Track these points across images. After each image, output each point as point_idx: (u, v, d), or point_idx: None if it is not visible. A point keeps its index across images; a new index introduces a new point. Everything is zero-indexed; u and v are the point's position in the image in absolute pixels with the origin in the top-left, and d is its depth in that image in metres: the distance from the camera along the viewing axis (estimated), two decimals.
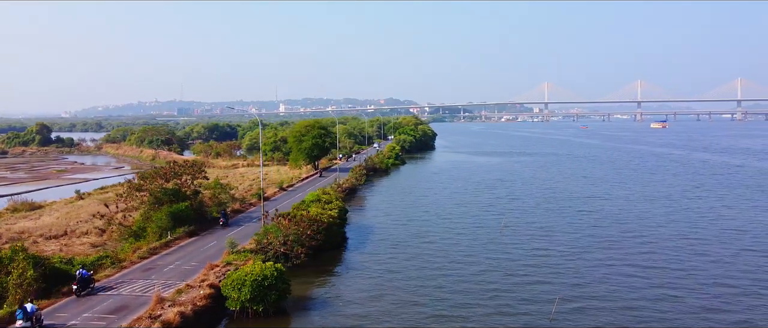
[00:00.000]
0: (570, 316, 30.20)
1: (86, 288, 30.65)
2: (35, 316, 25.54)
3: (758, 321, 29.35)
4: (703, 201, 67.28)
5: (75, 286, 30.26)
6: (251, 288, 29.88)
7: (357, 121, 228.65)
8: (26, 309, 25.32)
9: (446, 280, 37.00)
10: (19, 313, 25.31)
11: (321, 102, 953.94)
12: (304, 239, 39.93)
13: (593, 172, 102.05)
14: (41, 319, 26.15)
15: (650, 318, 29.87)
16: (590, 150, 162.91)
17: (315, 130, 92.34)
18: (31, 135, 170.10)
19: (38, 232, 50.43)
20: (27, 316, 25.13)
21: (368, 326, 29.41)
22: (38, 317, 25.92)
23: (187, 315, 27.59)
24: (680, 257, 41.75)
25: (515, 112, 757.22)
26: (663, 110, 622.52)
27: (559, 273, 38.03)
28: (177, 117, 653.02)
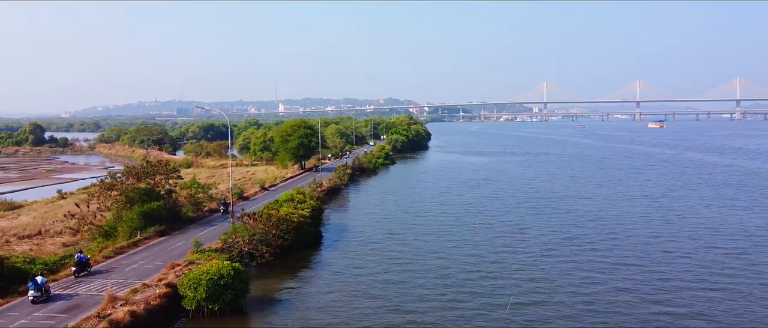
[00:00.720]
0: (524, 314, 30.25)
1: (83, 271, 34.15)
2: (44, 288, 29.42)
3: (710, 316, 29.38)
4: (683, 200, 67.29)
5: (74, 268, 33.96)
6: (207, 287, 29.94)
7: (352, 121, 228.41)
8: (37, 281, 29.20)
9: (409, 276, 37.18)
10: (31, 284, 29.12)
11: (320, 102, 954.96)
12: (270, 239, 39.99)
13: (580, 171, 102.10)
14: (49, 290, 30.08)
15: (603, 314, 29.94)
16: (582, 150, 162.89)
17: (301, 130, 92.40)
18: (24, 135, 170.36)
19: (12, 232, 50.51)
20: (37, 287, 29.01)
21: (320, 323, 29.47)
22: (47, 288, 29.84)
23: (138, 314, 27.63)
24: (647, 256, 41.80)
25: (515, 112, 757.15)
26: (662, 110, 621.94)
27: (522, 271, 38.09)
28: (176, 117, 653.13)
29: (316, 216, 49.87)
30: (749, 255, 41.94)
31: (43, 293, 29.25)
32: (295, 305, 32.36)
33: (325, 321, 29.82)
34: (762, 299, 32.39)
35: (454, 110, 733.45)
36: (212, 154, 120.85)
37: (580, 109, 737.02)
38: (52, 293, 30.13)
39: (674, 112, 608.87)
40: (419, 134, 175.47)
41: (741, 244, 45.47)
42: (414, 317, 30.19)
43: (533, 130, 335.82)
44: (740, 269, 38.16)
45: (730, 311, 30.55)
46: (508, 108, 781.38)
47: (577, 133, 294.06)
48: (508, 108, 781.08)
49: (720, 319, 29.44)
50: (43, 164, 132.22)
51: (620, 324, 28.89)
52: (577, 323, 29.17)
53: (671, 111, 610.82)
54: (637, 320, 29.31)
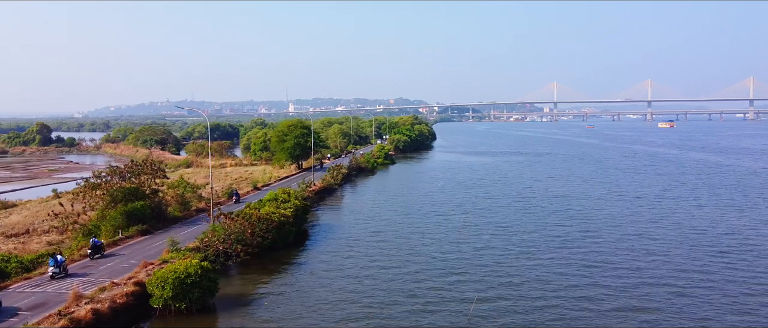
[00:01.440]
0: (489, 314, 30.24)
1: (97, 253, 38.43)
2: (62, 265, 33.71)
3: (675, 315, 29.21)
4: (675, 201, 66.75)
5: (89, 250, 38.27)
6: (173, 286, 30.23)
7: (357, 120, 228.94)
8: (56, 259, 33.64)
9: (381, 276, 37.33)
10: (51, 261, 33.66)
11: (331, 102, 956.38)
12: (247, 238, 40.24)
13: (579, 171, 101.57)
14: (66, 268, 34.41)
15: (564, 314, 29.87)
16: (586, 150, 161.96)
17: (297, 130, 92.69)
18: (31, 135, 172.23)
19: (3, 231, 51.30)
20: (56, 264, 33.37)
21: (284, 324, 29.63)
22: (64, 266, 34.15)
23: (101, 312, 27.94)
24: (625, 256, 41.56)
25: (525, 112, 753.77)
26: (675, 110, 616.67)
27: (496, 271, 38.02)
28: (186, 117, 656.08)
29: (299, 216, 50.02)
30: (728, 255, 41.55)
31: (62, 270, 33.59)
32: (266, 303, 32.54)
33: (288, 321, 29.98)
34: (726, 299, 32.11)
35: (463, 110, 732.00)
36: (213, 154, 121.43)
37: (591, 109, 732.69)
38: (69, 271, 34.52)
39: (686, 112, 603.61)
40: (422, 134, 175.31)
41: (723, 243, 45.07)
42: (376, 314, 30.28)
43: (541, 130, 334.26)
44: (716, 269, 37.86)
45: (694, 311, 30.34)
46: (519, 108, 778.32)
47: (584, 133, 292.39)
48: (518, 108, 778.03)
49: (685, 318, 29.26)
50: (47, 164, 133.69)
51: (577, 324, 28.82)
52: (535, 322, 29.09)
53: (683, 111, 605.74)
54: (596, 319, 29.19)
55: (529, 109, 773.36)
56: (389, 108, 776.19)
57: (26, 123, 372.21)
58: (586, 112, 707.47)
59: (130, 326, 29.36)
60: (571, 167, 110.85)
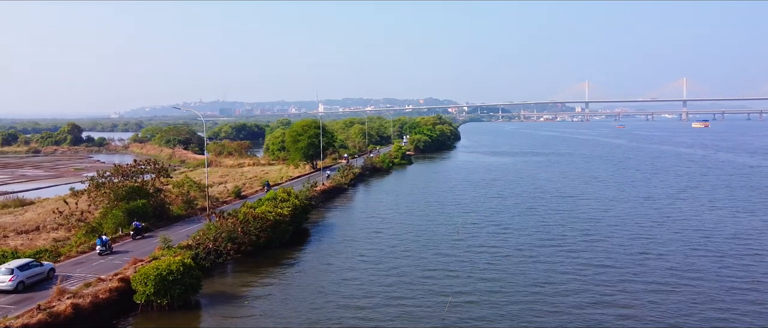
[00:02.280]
0: (463, 314, 30.18)
1: (139, 235, 44.39)
2: (107, 244, 39.76)
3: (653, 320, 28.73)
4: (686, 202, 65.33)
5: (132, 232, 44.18)
6: (155, 282, 31.01)
7: (381, 120, 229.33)
8: (102, 239, 39.77)
9: (369, 275, 37.56)
10: (98, 241, 39.76)
11: (360, 102, 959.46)
12: (238, 236, 40.90)
13: (595, 172, 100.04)
14: (111, 246, 40.49)
15: (540, 315, 29.63)
16: (610, 150, 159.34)
17: (311, 130, 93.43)
18: (62, 135, 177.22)
19: (13, 227, 52.95)
20: (103, 243, 39.46)
21: (263, 321, 30.07)
22: (109, 245, 40.16)
23: (82, 307, 28.78)
24: (621, 258, 40.93)
25: (556, 112, 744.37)
26: (712, 109, 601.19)
27: (484, 270, 37.83)
28: (218, 117, 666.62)
29: (298, 215, 50.41)
30: (726, 258, 40.54)
31: (107, 248, 39.63)
32: (247, 301, 33.05)
33: (267, 318, 30.43)
34: (718, 304, 31.39)
35: (493, 110, 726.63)
36: (233, 154, 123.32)
37: (625, 109, 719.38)
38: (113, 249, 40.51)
39: (723, 111, 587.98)
40: (444, 134, 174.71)
41: (725, 246, 43.99)
42: (357, 313, 30.51)
43: (569, 131, 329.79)
44: (711, 272, 37.02)
45: (675, 313, 29.76)
46: (550, 108, 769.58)
47: (613, 133, 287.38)
48: (549, 108, 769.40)
49: (663, 321, 28.75)
50: (75, 163, 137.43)
51: (550, 324, 28.57)
52: (509, 323, 28.94)
53: (720, 110, 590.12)
54: (570, 321, 28.88)
55: (561, 109, 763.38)
56: (418, 108, 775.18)
57: (63, 123, 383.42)
58: (620, 111, 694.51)
59: (112, 321, 30.19)
60: (589, 167, 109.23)
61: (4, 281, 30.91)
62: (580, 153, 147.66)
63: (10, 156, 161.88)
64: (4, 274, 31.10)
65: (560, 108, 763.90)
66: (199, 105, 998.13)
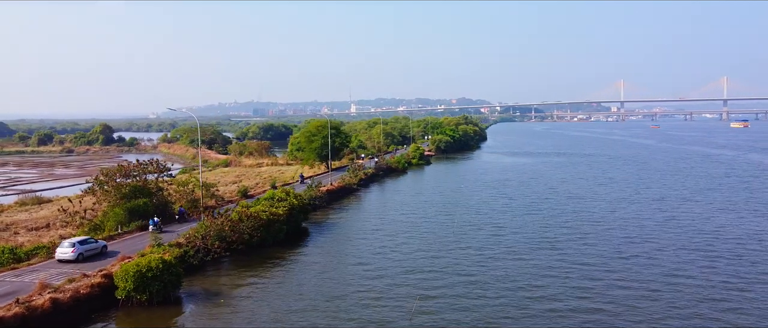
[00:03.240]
0: (436, 310, 30.33)
1: (183, 219, 50.36)
2: (158, 224, 46.02)
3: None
4: (698, 205, 63.82)
5: (177, 216, 51.34)
6: (134, 278, 31.98)
7: (407, 120, 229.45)
8: (154, 220, 46.39)
9: (350, 274, 37.92)
10: (151, 221, 46.35)
11: (393, 102, 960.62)
12: (226, 235, 41.76)
13: (613, 173, 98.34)
14: (161, 227, 46.40)
15: (507, 318, 29.52)
16: (636, 150, 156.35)
17: (325, 131, 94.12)
18: (95, 135, 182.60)
19: (25, 224, 55.08)
20: (155, 224, 45.93)
21: (236, 318, 30.75)
22: (160, 226, 46.37)
23: (61, 302, 29.82)
24: (606, 259, 40.26)
25: (591, 112, 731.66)
26: (755, 108, 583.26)
27: (465, 271, 37.79)
28: (251, 117, 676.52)
29: (295, 214, 50.86)
30: (716, 259, 39.54)
31: (158, 228, 45.59)
32: (223, 299, 33.72)
33: (240, 314, 31.07)
34: (694, 309, 30.76)
35: (526, 110, 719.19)
36: (254, 154, 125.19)
37: (663, 109, 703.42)
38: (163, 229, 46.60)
39: (767, 110, 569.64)
40: (467, 134, 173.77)
41: (719, 249, 42.86)
42: (326, 313, 30.93)
43: (601, 131, 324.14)
44: (698, 276, 36.19)
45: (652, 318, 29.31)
46: (585, 107, 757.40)
47: (645, 133, 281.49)
48: (584, 107, 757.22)
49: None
50: (104, 162, 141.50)
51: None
52: (475, 323, 28.95)
53: (763, 109, 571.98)
54: (547, 320, 28.72)
55: (596, 109, 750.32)
56: (450, 108, 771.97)
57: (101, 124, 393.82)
58: (657, 111, 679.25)
59: (91, 315, 31.20)
60: (609, 168, 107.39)
61: (67, 253, 37.45)
62: (603, 154, 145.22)
63: (44, 155, 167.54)
64: (67, 247, 37.81)
65: (595, 108, 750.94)
66: (234, 105, 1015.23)
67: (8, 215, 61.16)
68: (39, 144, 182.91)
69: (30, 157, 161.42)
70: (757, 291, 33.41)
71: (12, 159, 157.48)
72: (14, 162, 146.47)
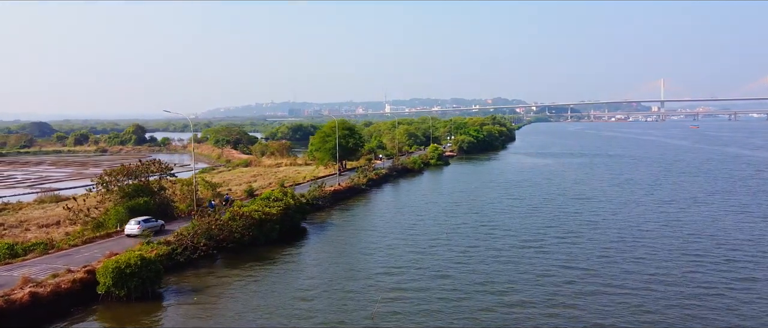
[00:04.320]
0: (397, 311, 30.68)
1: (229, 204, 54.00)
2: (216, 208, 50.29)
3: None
4: (708, 207, 62.31)
5: (224, 202, 56.40)
6: (112, 274, 33.25)
7: (435, 120, 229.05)
8: (211, 203, 53.57)
9: (330, 273, 38.49)
10: (209, 204, 52.85)
11: (428, 102, 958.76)
12: (214, 233, 42.88)
13: (632, 174, 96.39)
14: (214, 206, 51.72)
15: (465, 317, 29.65)
16: (664, 151, 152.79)
17: (339, 131, 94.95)
18: (128, 135, 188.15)
19: (37, 221, 57.50)
20: (211, 206, 51.61)
21: (205, 312, 31.67)
22: (216, 207, 50.73)
23: (41, 295, 31.24)
24: (593, 262, 39.80)
25: (630, 112, 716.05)
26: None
27: (438, 273, 37.94)
28: (286, 117, 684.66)
29: (291, 214, 51.57)
30: (703, 264, 38.66)
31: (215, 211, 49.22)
32: (196, 296, 34.65)
33: (213, 309, 32.00)
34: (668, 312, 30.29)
35: (562, 110, 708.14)
36: (275, 154, 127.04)
37: (707, 108, 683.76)
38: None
39: None
40: (491, 135, 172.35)
41: (712, 252, 41.90)
42: (293, 312, 31.59)
43: (635, 131, 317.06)
44: (687, 281, 35.51)
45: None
46: (624, 107, 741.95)
47: (681, 134, 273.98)
48: (623, 107, 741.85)
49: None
50: (133, 161, 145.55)
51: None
52: (434, 323, 29.17)
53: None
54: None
55: (636, 109, 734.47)
56: (485, 108, 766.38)
57: (143, 124, 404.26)
58: (701, 111, 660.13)
59: (70, 309, 32.52)
60: (629, 169, 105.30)
61: (134, 229, 45.65)
62: (629, 154, 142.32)
63: (79, 155, 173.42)
64: (134, 224, 46.22)
65: (635, 108, 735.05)
66: (271, 106, 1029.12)
67: (25, 212, 63.87)
68: (75, 144, 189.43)
69: (65, 157, 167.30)
70: (729, 297, 32.65)
71: (49, 158, 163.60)
72: (50, 161, 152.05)
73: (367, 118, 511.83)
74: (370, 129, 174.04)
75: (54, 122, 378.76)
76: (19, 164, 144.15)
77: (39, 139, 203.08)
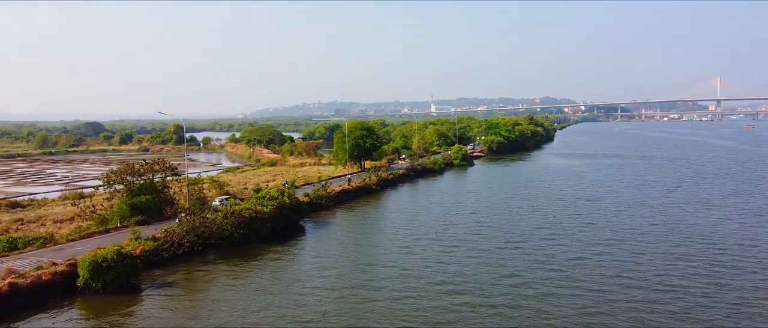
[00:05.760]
0: (339, 314, 31.43)
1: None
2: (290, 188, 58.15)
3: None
4: (719, 209, 60.30)
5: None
6: (89, 268, 35.21)
7: (470, 120, 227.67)
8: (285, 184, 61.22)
9: (308, 273, 39.45)
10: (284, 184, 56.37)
11: (474, 102, 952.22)
12: (200, 231, 44.59)
13: (657, 176, 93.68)
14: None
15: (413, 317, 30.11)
16: (703, 152, 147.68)
17: (357, 132, 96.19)
18: (169, 135, 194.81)
19: (55, 217, 60.75)
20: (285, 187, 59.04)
21: (184, 311, 33.19)
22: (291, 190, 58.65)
23: (20, 286, 33.37)
24: (578, 267, 39.36)
25: (685, 111, 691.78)
26: None
27: (415, 275, 38.39)
28: (332, 117, 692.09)
29: (285, 213, 52.70)
30: (694, 266, 37.75)
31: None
32: (185, 289, 36.25)
33: (182, 302, 33.51)
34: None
35: (612, 109, 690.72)
36: (302, 154, 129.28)
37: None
38: None
39: None
40: (523, 135, 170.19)
41: (705, 255, 40.75)
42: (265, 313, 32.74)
43: (683, 131, 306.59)
44: (679, 286, 34.88)
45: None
46: (679, 107, 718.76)
47: (732, 134, 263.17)
48: (678, 107, 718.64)
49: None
50: (171, 159, 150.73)
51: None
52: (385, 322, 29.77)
53: None
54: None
55: (691, 108, 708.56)
56: (532, 108, 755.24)
57: (195, 123, 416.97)
58: (763, 110, 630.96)
59: (48, 300, 34.53)
60: (656, 170, 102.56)
61: (217, 204, 54.38)
62: (663, 156, 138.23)
63: (123, 154, 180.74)
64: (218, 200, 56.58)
65: (691, 107, 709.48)
66: (318, 106, 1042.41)
67: (47, 208, 67.47)
68: (120, 143, 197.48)
69: (109, 155, 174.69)
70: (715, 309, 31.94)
71: (93, 157, 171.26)
72: (93, 159, 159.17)
73: (412, 119, 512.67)
74: (402, 129, 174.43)
75: (108, 123, 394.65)
76: (64, 162, 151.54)
77: (87, 138, 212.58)
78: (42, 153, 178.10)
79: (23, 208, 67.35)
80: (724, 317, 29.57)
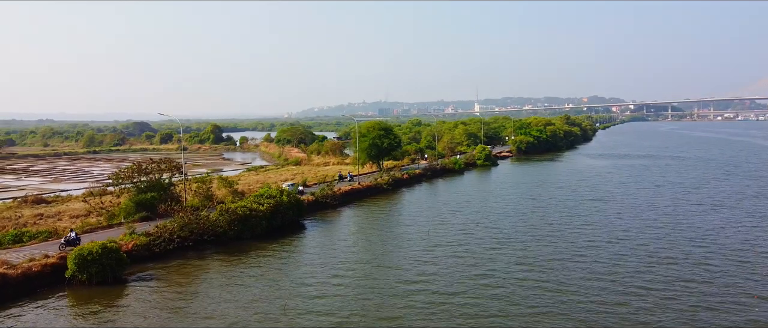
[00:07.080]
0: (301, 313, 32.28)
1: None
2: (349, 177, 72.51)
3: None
4: (732, 211, 58.41)
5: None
6: (75, 260, 37.20)
7: (505, 120, 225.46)
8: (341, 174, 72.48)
9: (292, 271, 40.47)
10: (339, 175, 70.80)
11: (519, 101, 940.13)
12: (193, 227, 46.28)
13: (683, 177, 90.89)
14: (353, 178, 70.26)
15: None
16: (739, 152, 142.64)
17: (374, 132, 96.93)
18: (206, 134, 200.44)
19: (71, 212, 63.86)
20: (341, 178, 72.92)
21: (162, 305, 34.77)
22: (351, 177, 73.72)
23: (9, 277, 35.57)
24: (567, 273, 39.16)
25: (741, 110, 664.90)
26: None
27: (400, 277, 38.92)
28: (374, 117, 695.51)
29: (283, 211, 53.97)
30: (686, 267, 37.00)
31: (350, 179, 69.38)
32: (172, 283, 37.80)
33: (175, 296, 35.06)
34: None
35: (662, 108, 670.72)
36: (328, 153, 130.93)
37: None
38: None
39: None
40: (555, 135, 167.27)
41: (699, 256, 39.81)
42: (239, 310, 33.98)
43: (732, 131, 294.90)
44: (671, 291, 34.43)
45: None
46: (735, 105, 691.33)
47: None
48: (734, 105, 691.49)
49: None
50: (204, 159, 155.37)
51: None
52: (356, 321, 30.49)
53: None
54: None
55: (748, 107, 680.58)
56: (578, 107, 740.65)
57: (238, 122, 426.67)
58: None
59: (37, 290, 36.61)
60: (684, 171, 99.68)
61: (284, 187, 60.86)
62: (698, 156, 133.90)
63: (162, 152, 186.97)
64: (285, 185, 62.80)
65: (748, 106, 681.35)
66: (362, 105, 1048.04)
67: (69, 204, 70.85)
68: (161, 142, 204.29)
69: (148, 154, 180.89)
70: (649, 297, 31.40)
71: (134, 155, 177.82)
72: (132, 158, 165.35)
73: (455, 118, 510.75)
74: (431, 128, 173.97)
75: (155, 122, 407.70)
76: (106, 160, 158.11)
77: (130, 138, 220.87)
78: (86, 151, 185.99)
79: (47, 204, 70.78)
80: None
